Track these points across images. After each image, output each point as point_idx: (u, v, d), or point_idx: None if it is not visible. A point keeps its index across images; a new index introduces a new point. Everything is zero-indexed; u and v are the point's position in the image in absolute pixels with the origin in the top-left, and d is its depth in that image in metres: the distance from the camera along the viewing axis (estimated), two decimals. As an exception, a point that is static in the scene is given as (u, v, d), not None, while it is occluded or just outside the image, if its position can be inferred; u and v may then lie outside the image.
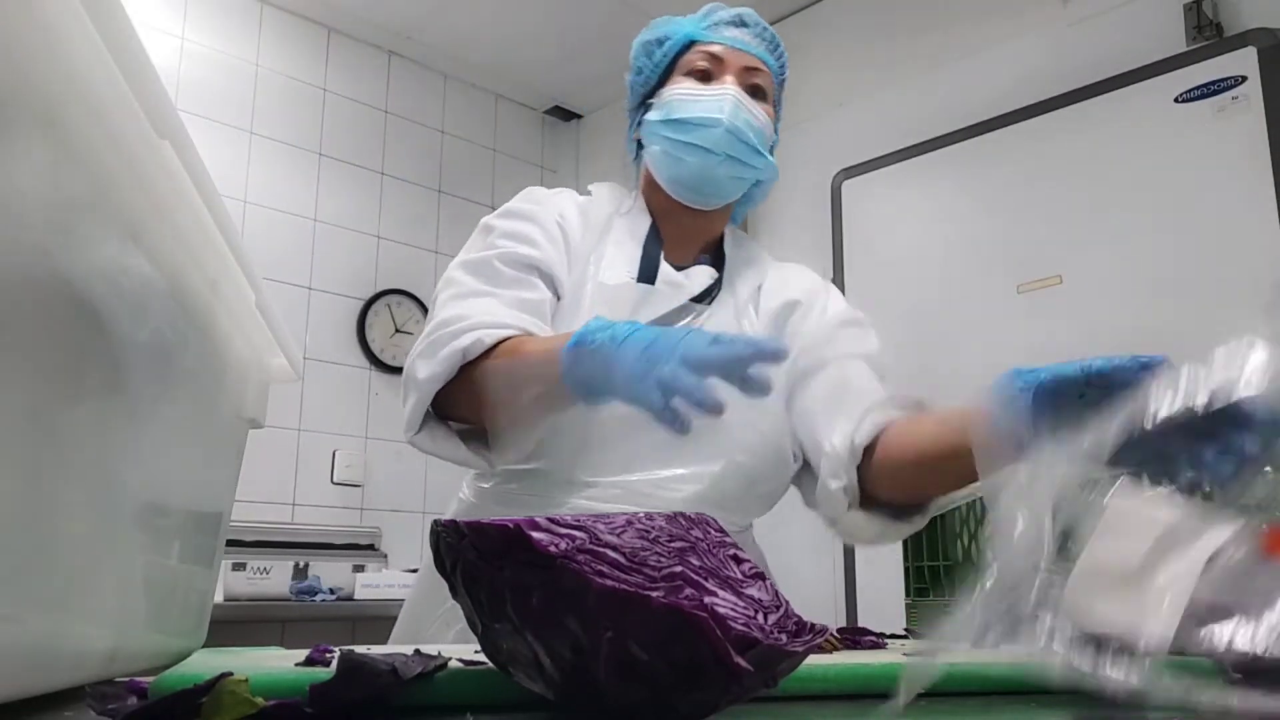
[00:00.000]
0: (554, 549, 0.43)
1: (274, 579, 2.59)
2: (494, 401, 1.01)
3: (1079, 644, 0.49)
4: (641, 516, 0.48)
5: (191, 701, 0.41)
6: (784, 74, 1.21)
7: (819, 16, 3.07)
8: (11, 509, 0.38)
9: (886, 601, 1.75)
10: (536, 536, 0.44)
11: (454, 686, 0.52)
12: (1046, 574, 0.52)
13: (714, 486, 1.09)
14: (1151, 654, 0.49)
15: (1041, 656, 0.48)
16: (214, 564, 0.75)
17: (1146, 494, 0.56)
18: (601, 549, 0.44)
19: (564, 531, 0.44)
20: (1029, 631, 0.50)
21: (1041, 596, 0.52)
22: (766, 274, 1.24)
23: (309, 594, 2.63)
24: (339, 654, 0.48)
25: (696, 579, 0.45)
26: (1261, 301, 0.53)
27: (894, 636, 0.96)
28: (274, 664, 0.60)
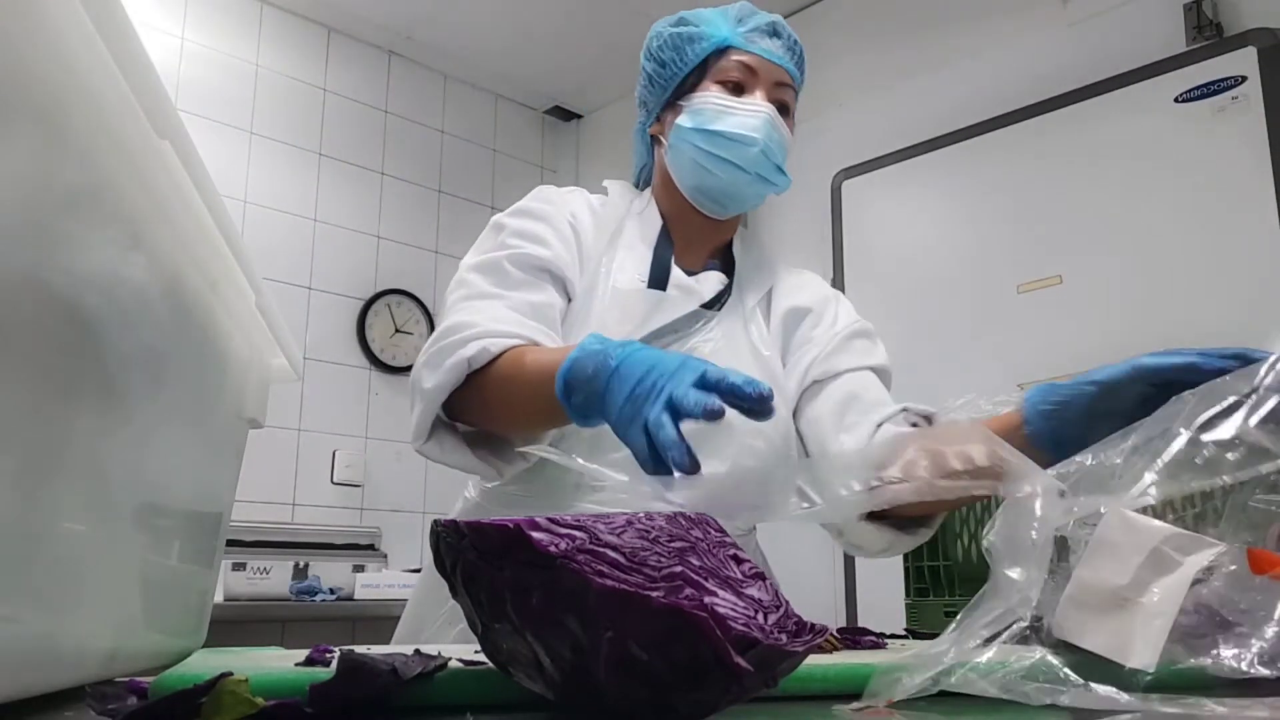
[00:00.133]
0: (554, 549, 0.43)
1: (274, 579, 2.59)
2: (496, 415, 1.01)
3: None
4: (641, 516, 0.48)
5: (191, 701, 0.42)
6: (802, 85, 1.21)
7: (819, 16, 3.07)
8: (11, 509, 0.38)
9: (886, 601, 1.75)
10: (536, 536, 0.44)
11: (454, 686, 0.52)
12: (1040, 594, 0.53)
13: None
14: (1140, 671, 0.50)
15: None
16: (214, 564, 0.75)
17: (1134, 516, 0.56)
18: (601, 549, 0.44)
19: (564, 531, 0.44)
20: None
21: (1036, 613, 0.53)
22: (776, 278, 1.24)
23: (309, 594, 2.63)
24: (339, 654, 0.48)
25: (696, 579, 0.45)
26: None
27: (894, 636, 0.96)
28: (274, 664, 0.60)
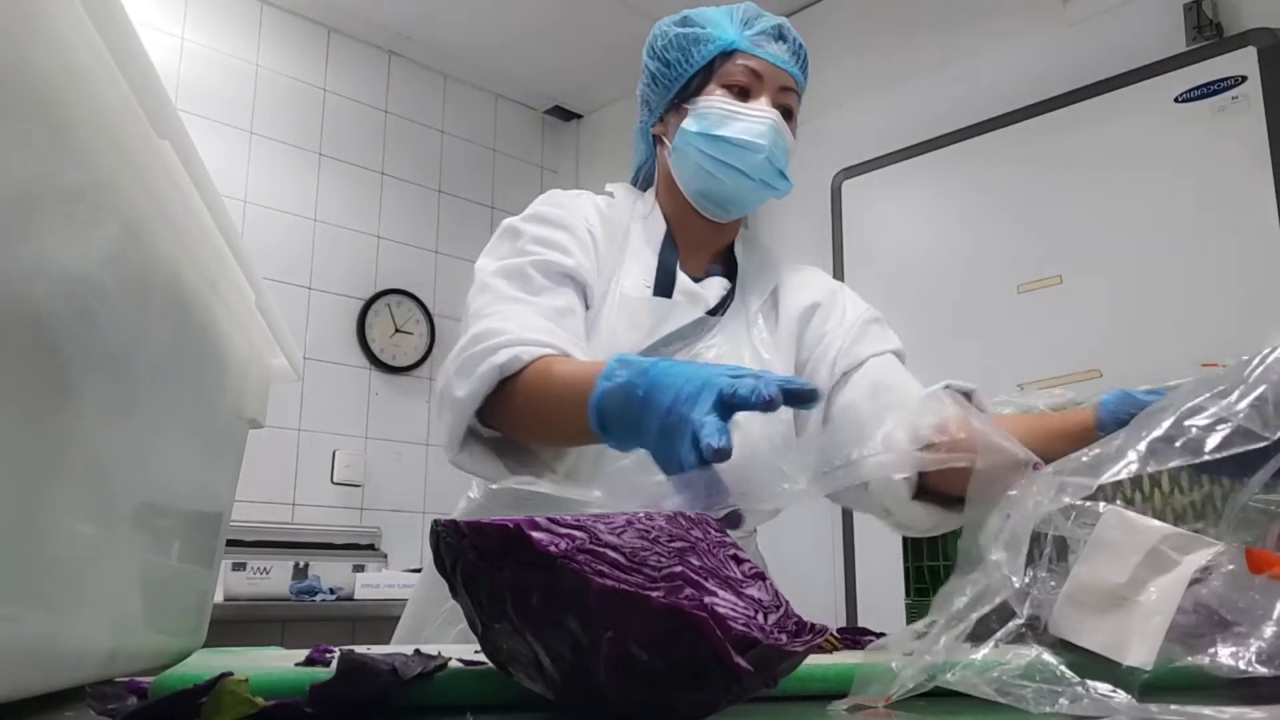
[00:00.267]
0: (554, 549, 0.43)
1: (274, 579, 2.59)
2: (524, 426, 0.99)
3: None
4: (641, 516, 0.48)
5: (191, 701, 0.42)
6: (805, 88, 1.21)
7: (819, 17, 3.07)
8: (11, 509, 0.37)
9: (886, 601, 1.75)
10: (536, 536, 0.43)
11: (454, 686, 0.52)
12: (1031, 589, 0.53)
13: None
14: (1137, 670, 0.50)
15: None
16: (214, 564, 0.75)
17: (1133, 516, 0.56)
18: (601, 549, 0.44)
19: (564, 531, 0.44)
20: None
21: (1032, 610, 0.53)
22: (780, 278, 1.25)
23: (309, 594, 2.63)
24: (339, 654, 0.48)
25: (696, 579, 0.45)
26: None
27: (894, 636, 0.96)
28: (274, 664, 0.60)
